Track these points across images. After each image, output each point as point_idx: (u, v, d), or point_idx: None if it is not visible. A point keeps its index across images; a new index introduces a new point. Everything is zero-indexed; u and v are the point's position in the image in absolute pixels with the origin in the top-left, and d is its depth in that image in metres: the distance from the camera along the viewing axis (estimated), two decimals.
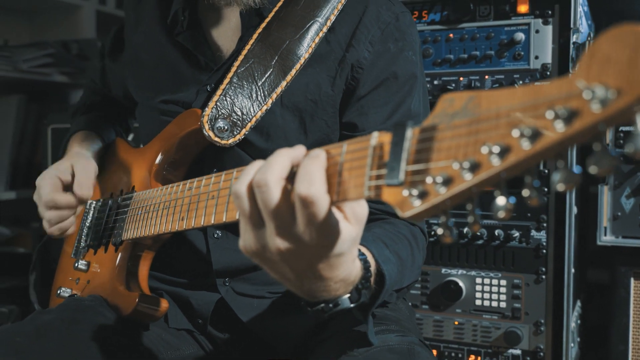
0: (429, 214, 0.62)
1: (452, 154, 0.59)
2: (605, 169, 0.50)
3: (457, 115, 0.60)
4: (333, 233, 0.78)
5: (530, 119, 0.52)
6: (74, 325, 1.22)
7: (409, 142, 0.65)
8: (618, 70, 0.47)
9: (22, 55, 2.74)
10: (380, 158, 0.68)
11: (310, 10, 1.31)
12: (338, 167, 0.73)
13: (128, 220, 1.35)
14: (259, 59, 1.29)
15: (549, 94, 0.51)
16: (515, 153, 0.54)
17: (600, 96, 0.48)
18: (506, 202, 0.57)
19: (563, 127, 0.50)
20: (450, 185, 0.59)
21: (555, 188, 0.53)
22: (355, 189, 0.70)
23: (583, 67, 0.50)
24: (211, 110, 1.26)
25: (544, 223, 1.81)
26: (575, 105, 0.49)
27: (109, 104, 1.76)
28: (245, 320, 1.33)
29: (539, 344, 1.82)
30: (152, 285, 1.42)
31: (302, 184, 0.73)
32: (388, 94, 1.31)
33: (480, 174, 0.57)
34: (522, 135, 0.52)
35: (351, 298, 0.92)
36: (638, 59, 0.46)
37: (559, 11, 1.78)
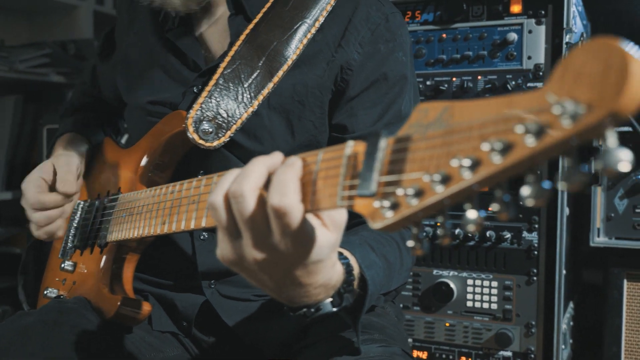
0: (399, 225, 0.62)
1: (424, 165, 0.59)
2: (574, 185, 0.49)
3: (432, 126, 0.59)
4: (308, 241, 0.77)
5: (501, 132, 0.51)
6: (56, 327, 1.20)
7: (383, 153, 0.64)
8: (590, 85, 0.46)
9: (19, 55, 2.74)
10: (354, 168, 0.67)
11: (299, 11, 1.29)
12: (313, 175, 0.72)
13: (113, 222, 1.34)
14: (246, 60, 1.28)
15: (520, 107, 0.50)
16: (486, 167, 0.53)
17: (571, 111, 0.47)
18: (477, 216, 0.56)
19: (534, 142, 0.49)
20: (421, 197, 0.58)
21: (525, 203, 0.52)
22: (329, 199, 0.69)
23: (555, 81, 0.49)
24: (196, 112, 1.25)
25: (536, 224, 1.80)
26: (545, 119, 0.48)
27: (99, 105, 1.75)
28: (230, 323, 1.32)
29: (529, 346, 1.81)
30: (138, 287, 1.41)
31: (274, 195, 0.72)
32: (378, 95, 1.30)
33: (451, 187, 0.56)
34: (492, 149, 0.51)
35: (333, 302, 0.92)
36: (610, 74, 0.45)
37: (552, 11, 1.77)
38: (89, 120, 1.68)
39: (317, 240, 0.78)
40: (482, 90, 1.83)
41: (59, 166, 1.41)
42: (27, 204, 1.38)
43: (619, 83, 0.44)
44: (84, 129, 1.61)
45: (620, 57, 0.45)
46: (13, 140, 2.84)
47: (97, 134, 1.65)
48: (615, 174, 0.47)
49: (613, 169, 0.47)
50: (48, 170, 1.41)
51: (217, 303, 1.33)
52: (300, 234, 0.75)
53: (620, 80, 0.44)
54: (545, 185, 0.52)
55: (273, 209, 0.72)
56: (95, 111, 1.74)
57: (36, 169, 1.43)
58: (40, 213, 1.37)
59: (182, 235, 1.36)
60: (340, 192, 0.68)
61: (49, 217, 1.38)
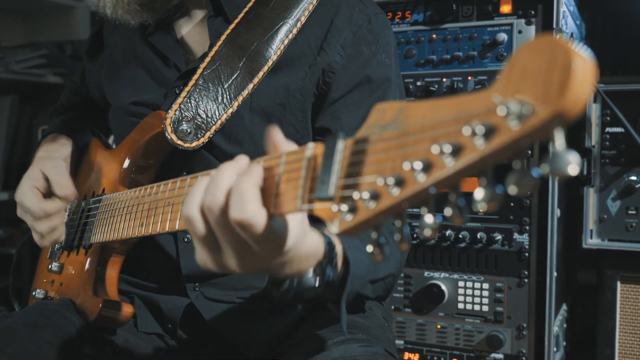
0: (359, 229, 0.60)
1: (380, 168, 0.57)
2: (524, 189, 0.48)
3: (388, 127, 0.58)
4: (282, 239, 0.77)
5: (451, 134, 0.50)
6: (37, 330, 1.20)
7: (341, 155, 0.62)
8: (534, 84, 0.45)
9: (15, 56, 2.74)
10: (314, 170, 0.66)
11: (280, 11, 1.28)
12: (276, 178, 0.71)
13: (96, 223, 1.33)
14: (226, 60, 1.27)
15: (469, 108, 0.49)
16: (438, 169, 0.52)
17: (516, 112, 0.45)
18: (433, 220, 0.55)
19: (483, 144, 0.48)
20: (378, 201, 0.57)
21: (478, 207, 0.51)
22: (292, 202, 0.68)
23: (502, 80, 0.48)
24: (174, 113, 1.24)
25: (527, 226, 1.79)
26: (493, 121, 0.47)
27: (89, 104, 1.74)
28: (215, 325, 1.32)
29: (521, 349, 1.80)
30: (124, 288, 1.40)
31: (234, 208, 0.71)
32: (361, 98, 1.29)
33: (406, 190, 0.55)
34: (442, 152, 0.50)
35: (315, 272, 0.92)
36: (554, 73, 0.44)
37: (542, 11, 1.76)
38: (77, 120, 1.68)
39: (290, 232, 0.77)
40: (472, 90, 1.82)
41: (49, 171, 1.39)
42: (28, 214, 1.36)
43: (562, 82, 0.43)
44: (70, 129, 1.60)
45: (564, 55, 0.43)
46: (9, 141, 2.84)
47: (85, 134, 1.64)
48: (564, 177, 0.46)
49: (562, 172, 0.46)
50: (38, 177, 1.39)
51: (202, 305, 1.33)
52: (271, 236, 0.74)
53: (564, 79, 0.43)
54: (498, 189, 0.50)
55: (235, 222, 0.72)
56: (84, 110, 1.73)
57: (25, 178, 1.41)
58: (44, 224, 1.36)
59: (166, 238, 1.36)
60: (301, 194, 0.67)
61: (52, 226, 1.36)
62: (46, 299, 1.44)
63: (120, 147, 1.39)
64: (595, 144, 1.90)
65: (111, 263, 1.36)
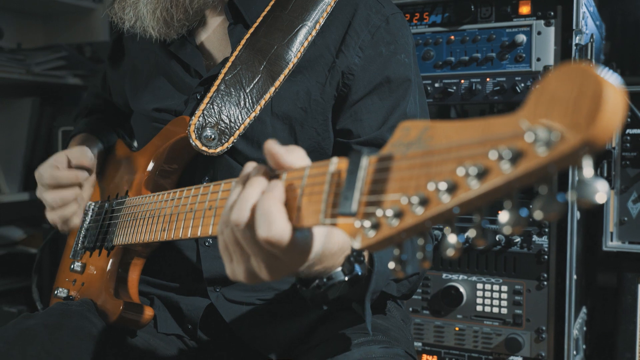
0: (381, 246, 0.61)
1: (404, 186, 0.58)
2: (551, 215, 0.48)
3: (413, 145, 0.58)
4: (304, 247, 0.79)
5: (477, 157, 0.50)
6: (58, 330, 1.21)
7: (365, 172, 0.63)
8: (563, 111, 0.45)
9: (35, 58, 2.76)
10: (337, 185, 0.66)
11: (299, 14, 1.28)
12: (299, 190, 0.72)
13: (119, 225, 1.34)
14: (247, 65, 1.27)
15: (496, 132, 0.49)
16: (463, 191, 0.52)
17: (544, 138, 0.45)
18: (456, 240, 0.55)
19: (509, 168, 0.48)
20: (401, 219, 0.57)
21: (502, 230, 0.51)
22: (314, 215, 0.69)
23: (530, 106, 0.48)
24: (198, 119, 1.25)
25: (546, 228, 1.78)
26: (520, 146, 0.47)
27: (111, 107, 1.76)
28: (234, 327, 1.32)
29: (540, 352, 1.79)
30: (144, 289, 1.42)
31: (261, 228, 0.73)
32: (382, 99, 1.29)
33: (430, 210, 0.55)
34: (467, 174, 0.50)
35: (343, 268, 0.93)
36: (583, 101, 0.44)
37: (561, 12, 1.74)
38: (102, 122, 1.69)
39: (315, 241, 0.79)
40: (490, 92, 1.81)
41: (72, 152, 1.42)
42: (42, 185, 1.38)
43: (592, 110, 0.43)
44: (96, 130, 1.62)
45: (594, 84, 0.43)
46: (30, 143, 2.86)
47: (110, 135, 1.66)
48: (590, 205, 0.46)
49: (589, 200, 0.46)
50: (61, 159, 1.41)
51: (222, 307, 1.33)
52: (297, 247, 0.76)
53: (594, 108, 0.43)
54: (523, 213, 0.50)
55: (263, 240, 0.74)
56: (108, 113, 1.75)
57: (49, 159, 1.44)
58: (54, 193, 1.37)
59: (187, 241, 1.37)
60: (324, 209, 0.67)
61: (63, 198, 1.37)
62: (68, 298, 1.45)
63: (144, 151, 1.40)
64: (616, 146, 1.89)
65: (132, 265, 1.37)
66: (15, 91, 2.98)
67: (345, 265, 0.93)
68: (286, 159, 0.79)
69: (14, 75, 2.67)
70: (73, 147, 1.55)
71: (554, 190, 0.47)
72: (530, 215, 0.49)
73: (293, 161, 0.79)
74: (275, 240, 0.73)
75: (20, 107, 2.87)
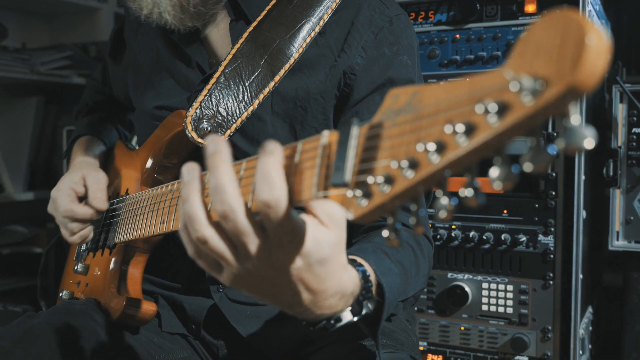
0: (374, 214, 0.60)
1: (394, 152, 0.57)
2: (540, 166, 0.47)
3: (402, 111, 0.58)
4: (301, 235, 0.72)
5: (464, 114, 0.49)
6: (62, 329, 1.20)
7: (355, 141, 0.62)
8: (547, 59, 0.44)
9: (40, 57, 2.77)
10: (329, 158, 0.65)
11: (303, 9, 1.28)
12: (292, 167, 0.71)
13: (120, 223, 1.34)
14: (248, 58, 1.26)
15: (482, 86, 0.48)
16: (452, 150, 0.51)
17: (529, 87, 0.44)
18: (448, 202, 0.54)
19: (496, 122, 0.47)
20: (393, 184, 0.57)
21: (493, 186, 0.50)
22: (307, 190, 0.67)
23: (515, 57, 0.47)
24: (195, 111, 1.24)
25: (552, 227, 1.76)
26: (506, 98, 0.46)
27: (111, 103, 1.75)
28: (238, 326, 1.31)
29: (546, 351, 1.77)
30: (148, 288, 1.41)
31: (262, 190, 0.68)
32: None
33: (420, 172, 0.54)
34: (454, 132, 0.49)
35: (353, 311, 0.87)
36: (567, 47, 0.43)
37: None
38: (103, 119, 1.69)
39: (312, 235, 0.73)
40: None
41: (90, 181, 1.40)
42: (58, 212, 1.38)
43: (576, 55, 0.42)
44: (99, 130, 1.62)
45: (577, 28, 0.42)
46: (34, 142, 2.87)
47: (112, 134, 1.66)
48: (579, 151, 0.45)
49: (578, 146, 0.45)
50: (78, 181, 1.41)
51: (225, 307, 1.32)
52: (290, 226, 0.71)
53: (577, 52, 0.42)
54: (514, 168, 0.49)
55: (263, 202, 0.68)
56: (108, 110, 1.75)
57: (66, 177, 1.43)
58: (72, 224, 1.37)
59: None
60: (316, 182, 0.66)
61: (81, 225, 1.38)
62: (72, 299, 1.45)
63: (143, 148, 1.40)
64: (622, 145, 1.87)
65: (135, 262, 1.37)
66: (20, 91, 3.00)
67: (354, 307, 0.88)
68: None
69: (19, 75, 2.68)
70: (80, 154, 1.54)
71: (542, 141, 0.46)
72: (520, 169, 0.48)
73: None
74: (276, 202, 0.67)
75: (25, 107, 2.88)
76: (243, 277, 0.76)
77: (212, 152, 0.73)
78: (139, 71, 1.48)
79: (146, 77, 1.45)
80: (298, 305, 0.80)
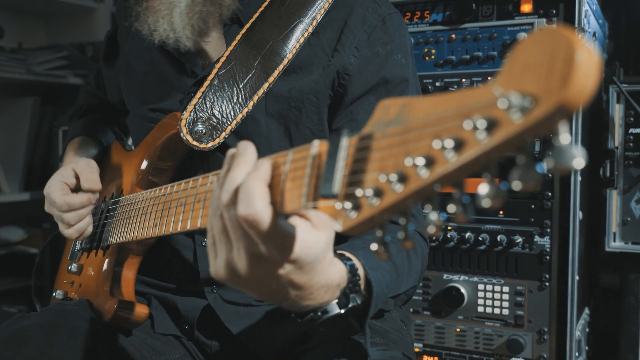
0: (363, 227, 0.59)
1: (383, 165, 0.56)
2: (529, 184, 0.46)
3: (392, 123, 0.57)
4: (290, 243, 0.75)
5: (452, 129, 0.49)
6: (52, 330, 1.20)
7: (345, 152, 0.61)
8: (536, 76, 0.43)
9: (37, 58, 2.77)
10: (319, 168, 0.65)
11: (296, 10, 1.27)
12: (282, 176, 0.70)
13: (114, 224, 1.34)
14: (241, 60, 1.26)
15: (471, 102, 0.48)
16: (441, 165, 0.50)
17: (518, 105, 0.44)
18: (437, 217, 0.54)
19: (485, 138, 0.47)
20: (382, 197, 0.56)
21: (481, 204, 0.49)
22: (296, 200, 0.67)
23: (504, 73, 0.46)
24: (189, 114, 1.24)
25: (548, 229, 1.75)
26: (494, 114, 0.46)
27: (106, 107, 1.75)
28: (231, 327, 1.31)
29: (542, 353, 1.76)
30: (141, 289, 1.41)
31: (241, 204, 0.72)
32: (378, 99, 1.27)
33: (409, 186, 0.53)
34: (443, 147, 0.49)
35: (339, 303, 0.90)
36: (556, 64, 0.42)
37: (563, 10, 1.72)
38: (98, 121, 1.69)
39: (302, 240, 0.75)
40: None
41: (79, 168, 1.40)
42: (54, 207, 1.37)
43: (565, 73, 0.41)
44: (94, 131, 1.62)
45: (566, 46, 0.42)
46: (30, 142, 2.87)
47: (107, 134, 1.65)
48: (568, 171, 0.44)
49: (566, 167, 0.45)
50: (68, 174, 1.40)
51: (219, 307, 1.32)
52: (277, 237, 0.73)
53: (566, 70, 0.41)
54: (502, 186, 0.49)
55: (242, 218, 0.72)
56: (103, 112, 1.74)
57: (56, 174, 1.42)
58: (71, 213, 1.36)
59: (184, 241, 1.35)
60: (306, 192, 0.66)
61: (80, 214, 1.36)
62: (66, 299, 1.45)
63: (138, 150, 1.40)
64: (619, 145, 1.87)
65: (128, 264, 1.37)
66: (16, 91, 2.99)
67: (341, 300, 0.90)
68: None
69: (15, 75, 2.67)
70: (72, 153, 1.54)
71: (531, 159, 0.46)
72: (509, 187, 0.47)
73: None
74: (254, 218, 0.70)
75: (21, 107, 2.87)
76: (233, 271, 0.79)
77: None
78: (132, 73, 1.47)
79: (139, 79, 1.45)
80: (284, 300, 0.84)
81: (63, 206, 1.35)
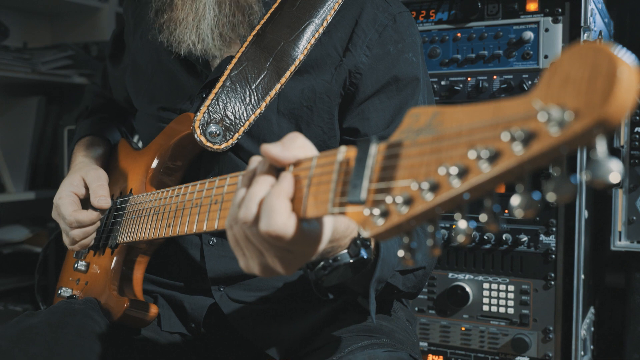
0: (391, 234, 0.60)
1: (414, 172, 0.57)
2: (564, 197, 0.47)
3: (422, 131, 0.57)
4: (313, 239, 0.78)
5: (488, 140, 0.49)
6: (60, 329, 1.20)
7: (373, 159, 0.62)
8: (577, 91, 0.44)
9: (42, 57, 2.76)
10: (346, 174, 0.65)
11: (306, 11, 1.28)
12: (306, 181, 0.71)
13: (123, 223, 1.34)
14: (253, 61, 1.26)
15: (508, 113, 0.48)
16: (474, 175, 0.51)
17: (557, 118, 0.44)
18: (467, 226, 0.54)
19: (521, 150, 0.47)
20: (411, 205, 0.56)
21: (514, 214, 0.50)
22: (322, 205, 0.68)
23: (542, 86, 0.47)
24: (203, 115, 1.24)
25: (553, 227, 1.76)
26: (532, 127, 0.46)
27: (112, 106, 1.75)
28: (238, 326, 1.32)
29: (547, 352, 1.77)
30: (148, 288, 1.41)
31: (262, 222, 0.74)
32: (389, 98, 1.28)
33: (440, 195, 0.54)
34: (479, 157, 0.49)
35: (350, 251, 0.94)
36: (597, 80, 0.43)
37: (569, 9, 1.73)
38: (105, 120, 1.69)
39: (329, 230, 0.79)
40: (497, 90, 1.80)
41: (90, 180, 1.40)
42: (63, 221, 1.37)
43: (606, 89, 0.42)
44: (101, 130, 1.62)
45: (608, 62, 0.42)
46: (36, 141, 2.87)
47: (115, 133, 1.65)
48: (604, 185, 0.45)
49: (603, 180, 0.45)
50: (78, 184, 1.40)
51: (226, 306, 1.33)
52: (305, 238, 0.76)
53: (608, 87, 0.42)
54: (535, 196, 0.49)
55: (265, 234, 0.74)
56: (109, 112, 1.74)
57: (66, 182, 1.42)
58: (78, 230, 1.36)
59: (191, 240, 1.36)
60: (332, 198, 0.66)
61: (86, 232, 1.37)
62: (71, 297, 1.45)
63: (148, 149, 1.40)
64: (625, 144, 1.87)
65: (137, 263, 1.37)
66: (21, 90, 2.98)
67: (352, 248, 0.94)
68: (286, 155, 0.78)
69: (20, 75, 2.67)
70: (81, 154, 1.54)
71: (566, 172, 0.46)
72: (542, 198, 0.48)
73: (294, 155, 0.78)
74: (276, 234, 0.73)
75: (26, 106, 2.87)
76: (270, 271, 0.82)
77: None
78: (140, 72, 1.47)
79: (148, 78, 1.45)
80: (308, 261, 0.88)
81: (73, 223, 1.35)
